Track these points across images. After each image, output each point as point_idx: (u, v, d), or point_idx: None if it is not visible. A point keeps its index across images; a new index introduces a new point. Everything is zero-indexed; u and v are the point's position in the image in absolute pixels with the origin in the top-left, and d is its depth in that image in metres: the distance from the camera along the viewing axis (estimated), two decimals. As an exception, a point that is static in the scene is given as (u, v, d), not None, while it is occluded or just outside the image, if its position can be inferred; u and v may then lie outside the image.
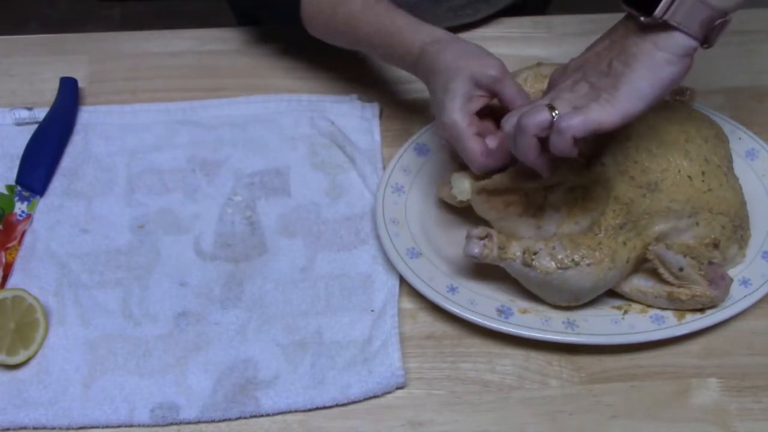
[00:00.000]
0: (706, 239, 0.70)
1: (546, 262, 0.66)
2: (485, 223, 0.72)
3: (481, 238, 0.67)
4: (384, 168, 0.81)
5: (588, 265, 0.66)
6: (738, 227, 0.72)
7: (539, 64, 0.78)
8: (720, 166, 0.72)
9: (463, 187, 0.71)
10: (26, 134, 0.81)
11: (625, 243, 0.67)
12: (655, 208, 0.68)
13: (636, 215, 0.68)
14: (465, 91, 0.68)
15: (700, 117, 0.75)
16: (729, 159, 0.74)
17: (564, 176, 0.69)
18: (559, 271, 0.66)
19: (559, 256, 0.66)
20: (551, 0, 1.09)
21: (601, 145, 0.71)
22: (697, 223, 0.69)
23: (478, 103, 0.69)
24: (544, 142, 0.61)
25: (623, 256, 0.67)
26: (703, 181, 0.70)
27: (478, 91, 0.69)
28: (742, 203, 0.73)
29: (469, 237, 0.68)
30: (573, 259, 0.66)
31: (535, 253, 0.66)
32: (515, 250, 0.67)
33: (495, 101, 0.71)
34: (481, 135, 0.69)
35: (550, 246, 0.67)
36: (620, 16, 0.62)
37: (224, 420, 0.66)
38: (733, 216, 0.71)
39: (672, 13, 0.57)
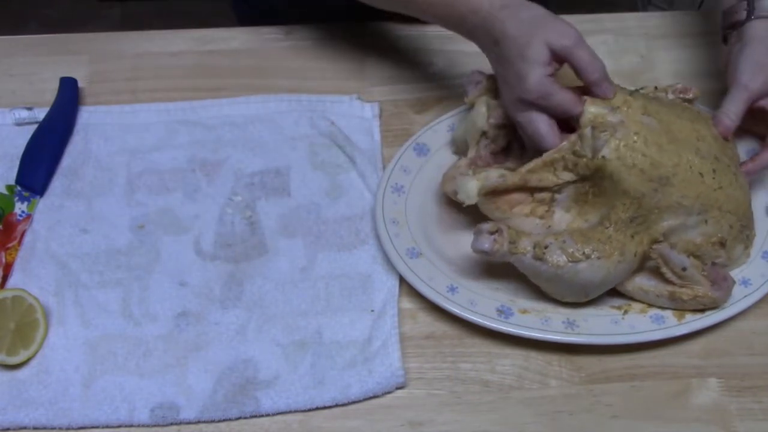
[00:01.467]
0: (714, 238, 0.70)
1: (557, 256, 0.66)
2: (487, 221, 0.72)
3: (492, 233, 0.66)
4: (384, 168, 0.81)
5: (598, 258, 0.66)
6: (745, 227, 0.72)
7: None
8: (729, 165, 0.72)
9: (469, 192, 0.70)
10: (26, 134, 0.81)
11: (633, 236, 0.67)
12: (665, 202, 0.68)
13: (646, 209, 0.68)
14: (545, 57, 0.66)
15: (708, 116, 0.75)
16: (737, 158, 0.74)
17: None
18: (570, 264, 0.66)
19: (570, 250, 0.66)
20: (551, 0, 1.08)
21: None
22: (706, 221, 0.69)
23: (551, 70, 0.67)
24: None
25: (632, 249, 0.67)
26: (714, 178, 0.70)
27: (552, 58, 0.67)
28: (749, 203, 0.73)
29: (478, 232, 0.67)
30: (584, 253, 0.66)
31: (546, 248, 0.66)
32: (526, 244, 0.66)
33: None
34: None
35: (560, 240, 0.66)
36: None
37: (224, 420, 0.66)
38: (741, 215, 0.71)
39: None
